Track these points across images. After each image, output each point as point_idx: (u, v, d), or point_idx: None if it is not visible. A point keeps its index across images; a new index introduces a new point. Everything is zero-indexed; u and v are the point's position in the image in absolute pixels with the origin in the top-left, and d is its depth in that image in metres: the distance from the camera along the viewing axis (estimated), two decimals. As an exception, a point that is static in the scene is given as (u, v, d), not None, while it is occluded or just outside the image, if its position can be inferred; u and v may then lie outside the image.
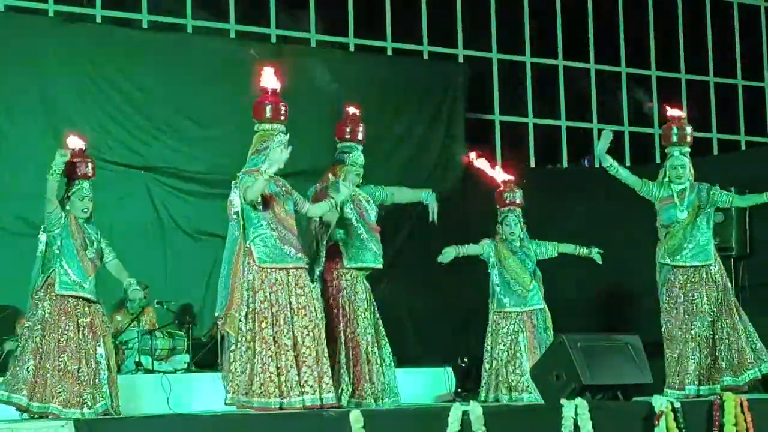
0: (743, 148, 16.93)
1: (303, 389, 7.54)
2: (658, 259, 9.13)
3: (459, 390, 11.26)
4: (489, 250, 9.83)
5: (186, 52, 13.29)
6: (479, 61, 15.71)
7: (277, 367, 7.54)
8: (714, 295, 9.02)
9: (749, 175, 12.34)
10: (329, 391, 7.63)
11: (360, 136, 8.59)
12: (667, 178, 9.14)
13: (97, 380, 8.07)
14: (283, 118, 7.89)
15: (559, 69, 16.24)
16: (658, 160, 16.62)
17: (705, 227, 9.12)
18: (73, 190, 8.42)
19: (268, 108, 7.86)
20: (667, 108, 9.44)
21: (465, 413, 7.16)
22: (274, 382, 7.51)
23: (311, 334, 7.65)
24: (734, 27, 17.20)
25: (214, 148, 12.94)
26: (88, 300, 8.22)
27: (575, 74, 16.39)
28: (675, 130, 9.18)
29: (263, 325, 7.58)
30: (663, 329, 9.07)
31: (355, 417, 6.93)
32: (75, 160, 8.44)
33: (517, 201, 9.90)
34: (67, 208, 8.37)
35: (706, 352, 8.92)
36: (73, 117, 12.60)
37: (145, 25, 13.80)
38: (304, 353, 7.61)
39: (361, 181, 8.54)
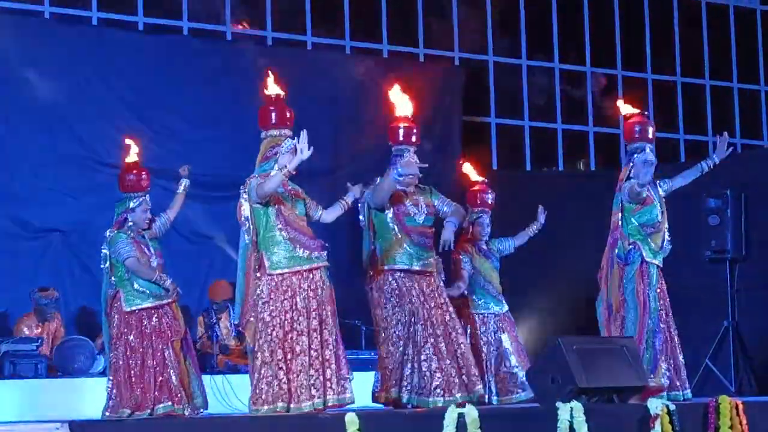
0: (738, 150, 16.94)
1: (311, 393, 7.58)
2: (648, 258, 8.74)
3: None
4: (468, 266, 9.82)
5: (182, 54, 13.29)
6: (475, 63, 15.71)
7: (289, 374, 7.57)
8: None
9: (744, 177, 12.37)
10: (331, 393, 7.67)
11: (413, 138, 8.58)
12: (633, 176, 8.77)
13: (166, 383, 8.20)
14: (289, 123, 7.93)
15: (555, 72, 16.24)
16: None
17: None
18: (138, 202, 8.48)
19: (274, 114, 7.89)
20: (620, 105, 9.35)
21: (461, 415, 7.16)
22: (283, 389, 7.55)
23: (321, 336, 7.68)
24: (730, 30, 17.21)
25: (211, 150, 12.92)
26: (157, 305, 8.36)
27: (570, 77, 16.40)
28: (642, 126, 8.89)
29: (275, 334, 7.62)
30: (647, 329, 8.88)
31: (350, 419, 6.94)
32: (134, 173, 8.52)
33: (490, 202, 9.94)
34: (130, 223, 8.41)
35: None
36: (69, 119, 12.61)
37: (141, 27, 13.79)
38: (312, 356, 7.65)
39: (415, 182, 8.53)
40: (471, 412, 7.17)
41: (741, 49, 17.26)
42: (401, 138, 8.55)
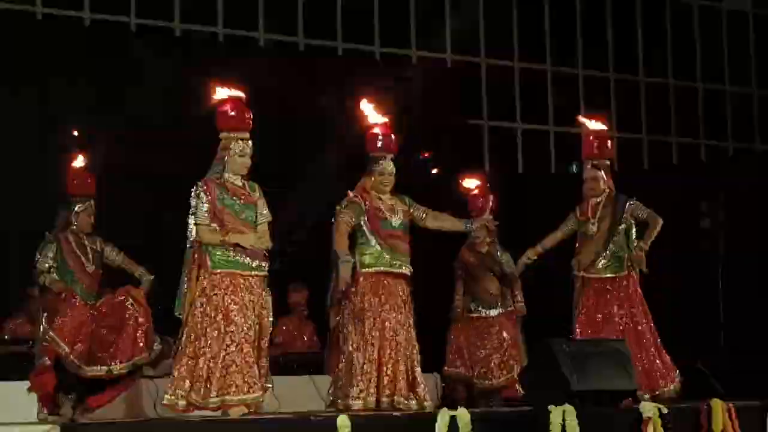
0: (730, 153, 16.96)
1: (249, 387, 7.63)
2: (575, 272, 9.16)
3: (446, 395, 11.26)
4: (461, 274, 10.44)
5: (174, 57, 13.26)
6: (468, 66, 15.71)
7: (236, 366, 7.59)
8: (626, 306, 9.01)
9: (736, 180, 12.39)
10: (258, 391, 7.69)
11: (391, 146, 8.58)
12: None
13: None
14: (247, 124, 7.93)
15: (548, 74, 16.25)
16: (645, 165, 16.67)
17: (621, 239, 9.06)
18: (83, 207, 8.67)
19: (231, 116, 7.91)
20: (583, 120, 9.51)
21: (453, 418, 7.16)
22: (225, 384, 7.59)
23: (257, 342, 7.71)
24: (722, 34, 17.23)
25: (206, 152, 12.87)
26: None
27: (563, 80, 16.40)
28: (594, 144, 9.19)
29: (213, 327, 7.64)
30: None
31: (342, 422, 6.93)
32: (81, 177, 8.79)
33: (482, 206, 10.06)
34: (74, 227, 8.68)
35: None
36: (60, 120, 12.57)
37: (133, 29, 13.76)
38: (243, 359, 7.66)
39: (390, 189, 8.52)
40: (463, 416, 7.17)
41: (733, 53, 17.28)
42: (378, 145, 8.57)
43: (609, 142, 9.34)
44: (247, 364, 7.61)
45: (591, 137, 9.24)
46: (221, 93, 8.01)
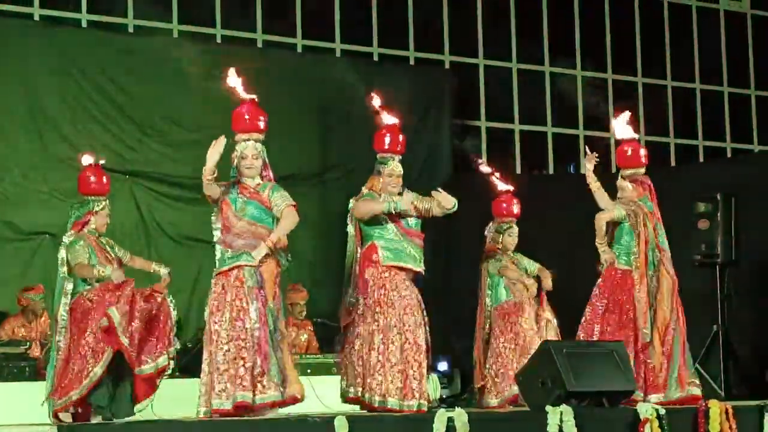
0: (729, 155, 16.96)
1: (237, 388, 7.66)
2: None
3: (443, 396, 11.27)
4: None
5: (171, 57, 13.25)
6: (466, 67, 15.71)
7: (226, 369, 7.66)
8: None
9: (734, 182, 12.38)
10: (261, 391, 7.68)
11: (398, 147, 8.59)
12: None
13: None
14: (262, 127, 7.92)
15: (546, 75, 16.24)
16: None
17: None
18: (102, 206, 8.58)
19: (246, 118, 7.89)
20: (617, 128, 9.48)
21: (450, 419, 7.15)
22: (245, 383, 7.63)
23: (242, 334, 7.69)
24: (720, 34, 17.23)
25: (200, 152, 12.82)
26: None
27: (562, 81, 16.40)
28: (630, 151, 9.29)
29: (214, 334, 7.70)
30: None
31: (340, 422, 6.92)
32: (97, 176, 8.66)
33: (516, 212, 10.10)
34: (93, 227, 8.52)
35: None
36: (58, 121, 12.60)
37: (130, 30, 13.76)
38: (230, 354, 7.70)
39: (400, 190, 8.54)
40: (461, 416, 7.16)
41: (732, 53, 17.28)
42: (386, 146, 8.57)
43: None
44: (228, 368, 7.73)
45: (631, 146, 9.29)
46: (243, 94, 8.00)
